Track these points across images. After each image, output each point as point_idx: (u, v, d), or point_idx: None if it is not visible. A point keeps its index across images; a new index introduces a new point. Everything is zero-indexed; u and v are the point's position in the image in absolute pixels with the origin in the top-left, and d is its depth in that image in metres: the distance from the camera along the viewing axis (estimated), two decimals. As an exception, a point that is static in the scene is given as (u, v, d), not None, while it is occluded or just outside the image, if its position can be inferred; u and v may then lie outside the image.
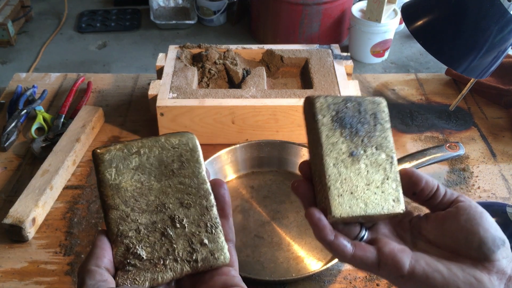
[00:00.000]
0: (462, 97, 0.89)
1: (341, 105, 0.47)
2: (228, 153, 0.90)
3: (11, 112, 1.04)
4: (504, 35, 0.69)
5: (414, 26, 0.72)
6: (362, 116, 0.48)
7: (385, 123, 0.49)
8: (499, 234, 0.45)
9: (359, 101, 0.48)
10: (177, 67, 1.03)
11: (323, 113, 0.47)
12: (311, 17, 2.72)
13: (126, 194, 0.44)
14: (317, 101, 0.47)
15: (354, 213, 0.46)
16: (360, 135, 0.47)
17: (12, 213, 0.79)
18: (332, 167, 0.46)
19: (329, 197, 0.45)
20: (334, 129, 0.47)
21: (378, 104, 0.49)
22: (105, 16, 3.17)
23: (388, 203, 0.47)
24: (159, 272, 0.43)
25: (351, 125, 0.47)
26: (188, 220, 0.45)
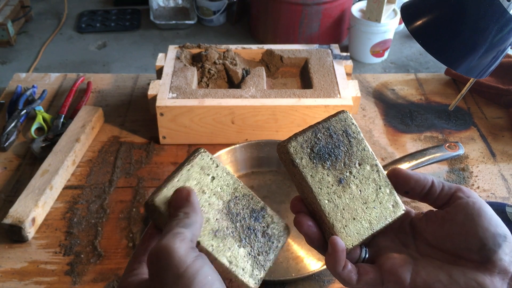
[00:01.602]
0: (462, 97, 0.89)
1: (312, 139, 0.48)
2: (228, 153, 0.90)
3: (11, 112, 1.04)
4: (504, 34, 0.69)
5: (413, 26, 0.72)
6: (335, 139, 0.48)
7: (357, 135, 0.49)
8: (500, 229, 0.44)
9: (327, 126, 0.49)
10: (177, 67, 1.03)
11: (300, 156, 0.47)
12: (311, 17, 2.72)
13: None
14: (289, 147, 0.47)
15: (363, 236, 0.47)
16: (341, 159, 0.48)
17: (12, 213, 0.80)
18: (328, 204, 0.47)
19: (337, 233, 0.46)
20: (315, 166, 0.47)
21: (345, 120, 0.49)
22: (105, 16, 3.17)
23: (389, 211, 0.48)
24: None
25: (329, 154, 0.48)
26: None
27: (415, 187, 0.48)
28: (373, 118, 1.07)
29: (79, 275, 0.76)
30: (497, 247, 0.44)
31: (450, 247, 0.46)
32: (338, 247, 0.45)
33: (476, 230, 0.44)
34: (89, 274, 0.76)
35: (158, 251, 0.39)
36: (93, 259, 0.78)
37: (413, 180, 0.48)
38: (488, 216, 0.45)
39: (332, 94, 0.96)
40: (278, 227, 0.50)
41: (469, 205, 0.45)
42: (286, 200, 0.87)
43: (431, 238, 0.47)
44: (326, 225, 0.47)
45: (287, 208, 0.85)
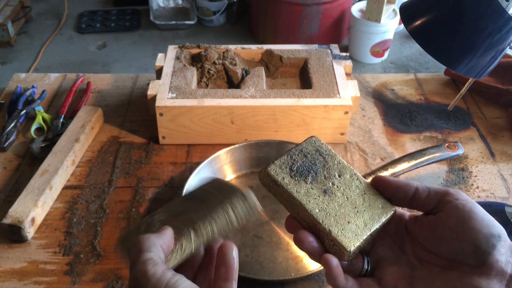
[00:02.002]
0: (461, 97, 0.89)
1: (288, 161, 0.52)
2: (227, 153, 0.90)
3: (11, 112, 1.04)
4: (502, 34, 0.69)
5: (412, 26, 0.72)
6: (309, 158, 0.52)
7: (329, 151, 0.53)
8: (493, 230, 0.44)
9: (300, 148, 0.53)
10: (176, 67, 1.03)
11: (281, 176, 0.51)
12: (310, 17, 2.72)
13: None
14: (269, 170, 0.51)
15: (362, 237, 0.48)
16: (320, 173, 0.51)
17: (11, 213, 0.80)
18: (319, 212, 0.49)
19: (336, 238, 0.47)
20: (298, 183, 0.50)
21: (315, 142, 0.54)
22: (105, 16, 3.18)
23: (380, 211, 0.50)
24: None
25: (308, 170, 0.51)
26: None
27: (396, 193, 0.49)
28: (373, 118, 1.07)
29: (78, 275, 0.76)
30: (491, 248, 0.43)
31: (444, 252, 0.45)
32: (331, 263, 0.46)
33: (469, 233, 0.44)
34: (88, 274, 0.76)
35: (136, 281, 0.42)
36: (92, 259, 0.78)
37: (393, 187, 0.49)
38: (480, 217, 0.44)
39: (331, 94, 0.96)
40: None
41: (459, 208, 0.45)
42: (286, 200, 0.87)
43: (426, 243, 0.47)
44: (323, 234, 0.48)
45: (287, 208, 0.85)
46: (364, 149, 0.99)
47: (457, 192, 0.47)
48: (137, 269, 0.42)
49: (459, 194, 0.46)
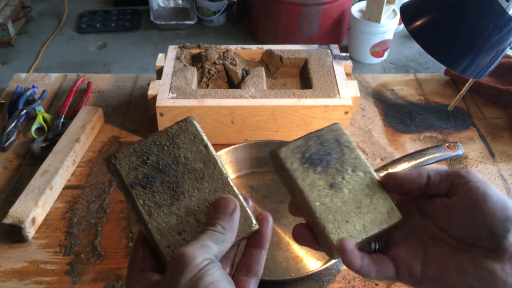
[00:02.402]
0: (461, 97, 0.89)
1: (303, 146, 0.49)
2: (228, 153, 0.90)
3: (11, 112, 1.04)
4: (503, 35, 0.69)
5: (412, 26, 0.72)
6: (326, 147, 0.49)
7: (349, 144, 0.49)
8: (507, 212, 0.42)
9: (318, 135, 0.49)
10: (177, 67, 1.03)
11: (291, 160, 0.48)
12: (310, 18, 2.72)
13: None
14: (281, 152, 0.48)
15: (357, 239, 0.46)
16: (332, 165, 0.48)
17: (12, 213, 0.80)
18: (319, 206, 0.47)
19: (328, 234, 0.46)
20: (306, 170, 0.48)
21: (337, 130, 0.50)
22: (105, 16, 3.17)
23: (384, 217, 0.47)
24: None
25: (320, 160, 0.48)
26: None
27: (412, 188, 0.47)
28: (373, 118, 1.07)
29: (79, 275, 0.76)
30: (506, 232, 0.42)
31: (459, 235, 0.45)
32: (346, 248, 0.45)
33: (483, 217, 0.43)
34: (89, 274, 0.76)
35: (179, 257, 0.39)
36: (93, 259, 0.78)
37: (409, 182, 0.47)
38: (494, 200, 0.43)
39: (331, 94, 0.96)
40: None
41: (472, 191, 0.44)
42: (286, 200, 0.87)
43: (441, 224, 0.46)
44: (318, 227, 0.47)
45: (287, 208, 0.85)
46: (364, 149, 0.99)
47: (467, 173, 0.45)
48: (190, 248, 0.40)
49: (470, 175, 0.45)
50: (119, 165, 0.45)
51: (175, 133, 0.47)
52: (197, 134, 0.48)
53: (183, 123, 0.48)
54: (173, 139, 0.47)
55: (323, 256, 0.78)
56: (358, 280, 0.76)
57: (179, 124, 0.48)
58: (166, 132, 0.47)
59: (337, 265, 0.77)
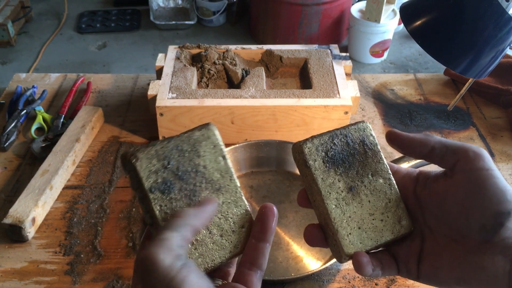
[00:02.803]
0: (461, 97, 0.89)
1: (328, 144, 0.47)
2: (228, 153, 0.89)
3: (11, 112, 1.04)
4: (502, 35, 0.69)
5: (412, 26, 0.72)
6: (351, 147, 0.48)
7: (374, 146, 0.49)
8: (502, 206, 0.41)
9: (345, 133, 0.48)
10: (177, 67, 1.03)
11: (313, 158, 0.47)
12: (310, 18, 2.72)
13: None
14: (305, 147, 0.47)
15: (366, 247, 0.47)
16: (354, 167, 0.48)
17: (12, 213, 0.80)
18: (335, 209, 0.46)
19: (339, 239, 0.46)
20: (328, 170, 0.47)
21: (364, 130, 0.49)
22: (105, 16, 3.18)
23: (396, 226, 0.47)
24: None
25: (343, 160, 0.47)
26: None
27: (414, 152, 0.46)
28: (373, 118, 1.07)
29: (79, 275, 0.76)
30: (498, 226, 0.41)
31: (452, 224, 0.44)
32: (361, 262, 0.45)
33: (476, 210, 0.42)
34: (89, 274, 0.76)
35: (144, 260, 0.38)
36: (93, 258, 0.78)
37: (406, 142, 0.46)
38: (491, 192, 0.42)
39: (331, 94, 0.97)
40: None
41: (471, 180, 0.43)
42: (286, 200, 0.87)
43: (435, 212, 0.46)
44: (330, 230, 0.47)
45: (287, 208, 0.85)
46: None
47: (475, 156, 0.43)
48: (150, 247, 0.39)
49: (476, 161, 0.43)
50: (139, 166, 0.44)
51: (196, 139, 0.47)
52: (217, 144, 0.47)
53: (205, 130, 0.47)
54: (195, 145, 0.46)
55: (323, 256, 0.78)
56: (358, 280, 0.76)
57: (201, 131, 0.47)
58: (188, 138, 0.46)
59: (337, 265, 0.77)
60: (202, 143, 0.47)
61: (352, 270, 0.77)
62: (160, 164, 0.44)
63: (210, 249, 0.45)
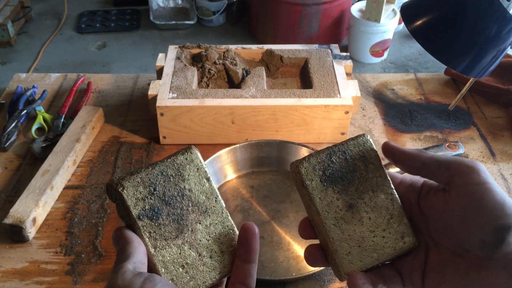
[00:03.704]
0: (461, 97, 0.89)
1: (326, 162, 0.46)
2: (228, 153, 0.90)
3: (11, 112, 1.04)
4: (503, 34, 0.69)
5: (413, 26, 0.72)
6: (350, 164, 0.47)
7: (376, 161, 0.47)
8: (502, 221, 0.40)
9: (343, 149, 0.47)
10: (177, 67, 1.03)
11: (310, 177, 0.46)
12: (310, 17, 2.72)
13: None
14: (301, 168, 0.46)
15: (367, 265, 0.46)
16: (353, 184, 0.46)
17: (12, 213, 0.80)
18: (333, 228, 0.46)
19: (338, 259, 0.45)
20: (325, 189, 0.46)
21: (364, 144, 0.47)
22: (104, 16, 3.17)
23: (398, 242, 0.46)
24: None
25: (342, 178, 0.46)
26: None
27: (403, 163, 0.46)
28: (373, 118, 1.07)
29: (80, 275, 0.76)
30: (499, 242, 0.40)
31: (454, 239, 0.44)
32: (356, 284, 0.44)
33: (476, 225, 0.41)
34: (90, 274, 0.76)
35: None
36: (94, 259, 0.78)
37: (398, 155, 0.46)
38: (490, 206, 0.41)
39: (332, 94, 0.96)
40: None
41: (468, 196, 0.42)
42: (287, 200, 0.87)
43: (437, 225, 0.45)
44: (329, 249, 0.46)
45: (287, 208, 0.85)
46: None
47: (470, 171, 0.42)
48: (109, 279, 0.41)
49: (471, 174, 0.42)
50: (126, 195, 0.44)
51: (180, 164, 0.47)
52: (200, 167, 0.47)
53: (188, 154, 0.47)
54: (179, 170, 0.46)
55: (324, 255, 0.78)
56: (359, 280, 0.76)
57: (184, 154, 0.47)
58: (172, 163, 0.46)
59: (338, 264, 0.77)
60: (186, 167, 0.47)
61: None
62: (147, 190, 0.45)
63: (201, 271, 0.45)
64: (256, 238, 0.45)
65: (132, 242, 0.43)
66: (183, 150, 0.48)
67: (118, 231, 0.44)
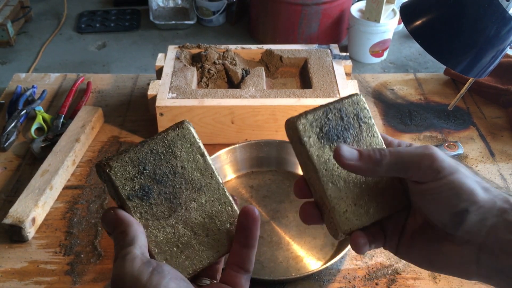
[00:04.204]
0: (461, 97, 0.89)
1: (322, 119, 0.46)
2: (228, 153, 0.90)
3: (11, 112, 1.04)
4: (503, 34, 0.69)
5: (412, 26, 0.72)
6: (345, 122, 0.47)
7: (368, 120, 0.48)
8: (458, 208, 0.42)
9: (339, 107, 0.47)
10: (177, 67, 1.03)
11: (308, 134, 0.45)
12: (310, 17, 2.72)
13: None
14: (298, 124, 0.45)
15: (364, 223, 0.46)
16: (349, 142, 0.47)
17: (12, 213, 0.80)
18: (331, 186, 0.45)
19: (336, 217, 0.45)
20: (323, 147, 0.46)
21: (358, 103, 0.48)
22: (104, 16, 3.17)
23: (391, 201, 0.47)
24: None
25: (338, 136, 0.46)
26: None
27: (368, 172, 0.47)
28: (373, 118, 1.07)
29: (79, 275, 0.76)
30: (458, 224, 0.42)
31: (424, 212, 0.45)
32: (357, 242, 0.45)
33: (435, 211, 0.43)
34: (89, 274, 0.76)
35: (114, 281, 0.39)
36: (93, 259, 0.78)
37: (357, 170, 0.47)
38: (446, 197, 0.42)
39: (331, 94, 0.97)
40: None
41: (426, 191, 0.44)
42: (286, 200, 0.87)
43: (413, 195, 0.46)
44: (326, 207, 0.46)
45: (287, 208, 0.85)
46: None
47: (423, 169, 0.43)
48: (115, 267, 0.39)
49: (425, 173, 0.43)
50: (114, 175, 0.43)
51: (171, 140, 0.45)
52: (194, 142, 0.46)
53: (180, 129, 0.46)
54: (170, 147, 0.45)
55: (324, 256, 0.78)
56: (358, 280, 0.76)
57: (176, 130, 0.46)
58: (162, 140, 0.45)
59: (337, 264, 0.77)
60: (177, 143, 0.46)
61: (352, 270, 0.77)
62: (136, 170, 0.43)
63: (197, 250, 0.44)
64: (257, 223, 0.44)
65: (132, 224, 0.42)
66: (175, 125, 0.46)
67: (112, 212, 0.42)
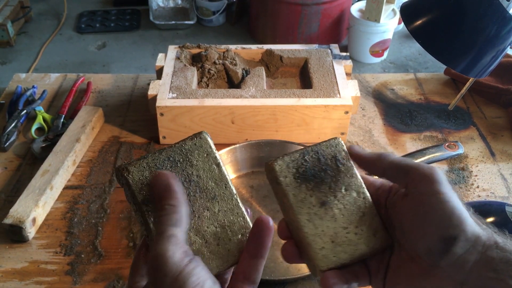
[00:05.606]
0: (461, 97, 0.90)
1: (299, 160, 0.47)
2: (228, 153, 0.90)
3: (11, 112, 1.04)
4: (503, 34, 0.69)
5: (413, 26, 0.72)
6: (322, 163, 0.47)
7: (347, 161, 0.48)
8: (448, 231, 0.41)
9: (316, 150, 0.48)
10: (177, 67, 1.03)
11: (284, 174, 0.47)
12: (310, 17, 2.72)
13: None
14: (275, 165, 0.47)
15: (342, 261, 0.46)
16: (326, 182, 0.47)
17: (12, 213, 0.80)
18: (307, 223, 0.46)
19: (312, 253, 0.45)
20: (299, 186, 0.46)
21: (336, 146, 0.48)
22: (104, 16, 3.17)
23: (371, 239, 0.47)
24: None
25: (315, 176, 0.47)
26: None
27: (369, 170, 0.47)
28: (373, 117, 1.07)
29: (79, 275, 0.76)
30: (443, 252, 0.41)
31: (408, 244, 0.45)
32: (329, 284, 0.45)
33: (423, 234, 0.42)
34: (89, 274, 0.76)
35: (155, 259, 0.40)
36: (93, 259, 0.78)
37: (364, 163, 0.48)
38: (438, 217, 0.41)
39: (331, 94, 0.97)
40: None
41: (419, 204, 0.43)
42: (286, 200, 0.87)
43: (398, 228, 0.46)
44: (303, 245, 0.46)
45: (287, 208, 0.85)
46: (365, 149, 0.99)
47: (424, 179, 0.43)
48: (159, 245, 0.40)
49: (425, 183, 0.43)
50: (131, 180, 0.44)
51: (189, 149, 0.46)
52: (210, 152, 0.47)
53: (197, 139, 0.47)
54: (187, 155, 0.46)
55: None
56: (358, 280, 0.76)
57: (193, 140, 0.47)
58: (180, 148, 0.46)
59: (337, 264, 0.77)
60: (194, 152, 0.47)
61: (353, 270, 0.77)
62: (152, 176, 0.44)
63: (207, 258, 0.45)
64: (270, 233, 0.44)
65: (183, 204, 0.42)
66: (193, 135, 0.47)
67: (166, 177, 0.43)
